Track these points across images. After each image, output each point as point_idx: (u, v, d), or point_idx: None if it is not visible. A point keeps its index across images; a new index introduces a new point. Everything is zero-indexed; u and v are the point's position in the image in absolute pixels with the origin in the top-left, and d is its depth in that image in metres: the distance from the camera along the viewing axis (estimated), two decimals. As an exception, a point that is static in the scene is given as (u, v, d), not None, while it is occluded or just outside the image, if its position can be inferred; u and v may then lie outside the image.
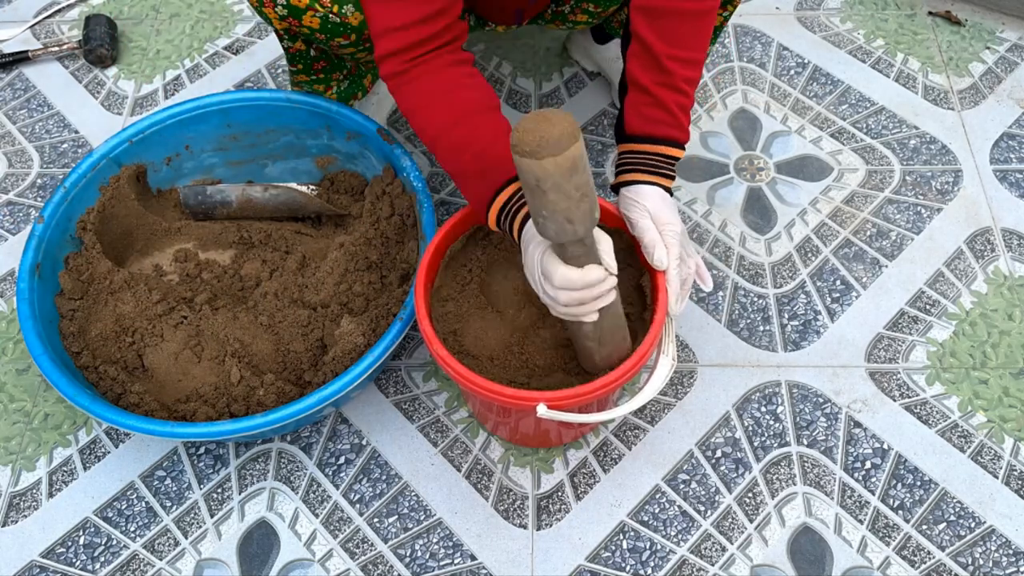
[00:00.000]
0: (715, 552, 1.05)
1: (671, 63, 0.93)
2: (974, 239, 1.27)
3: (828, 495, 1.08)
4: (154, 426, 0.98)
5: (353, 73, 1.23)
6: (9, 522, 1.11)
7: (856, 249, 1.27)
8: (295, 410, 0.98)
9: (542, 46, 1.52)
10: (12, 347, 1.24)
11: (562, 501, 1.09)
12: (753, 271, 1.25)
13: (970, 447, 1.10)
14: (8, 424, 1.18)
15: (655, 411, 1.14)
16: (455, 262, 1.02)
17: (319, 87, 1.21)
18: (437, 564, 1.05)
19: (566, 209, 0.73)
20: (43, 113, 1.49)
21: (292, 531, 1.08)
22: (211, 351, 1.09)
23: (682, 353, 1.19)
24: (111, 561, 1.07)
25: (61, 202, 1.14)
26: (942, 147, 1.36)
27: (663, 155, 0.96)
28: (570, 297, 0.82)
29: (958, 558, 1.03)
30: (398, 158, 1.15)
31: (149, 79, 1.52)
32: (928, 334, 1.19)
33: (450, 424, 1.15)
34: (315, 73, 1.18)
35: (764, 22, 1.53)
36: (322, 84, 1.20)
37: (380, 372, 1.12)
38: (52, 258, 1.12)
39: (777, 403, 1.14)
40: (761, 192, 1.33)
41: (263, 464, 1.13)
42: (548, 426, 1.02)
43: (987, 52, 1.47)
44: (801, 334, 1.20)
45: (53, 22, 1.62)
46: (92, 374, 1.08)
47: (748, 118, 1.41)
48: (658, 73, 0.93)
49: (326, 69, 1.18)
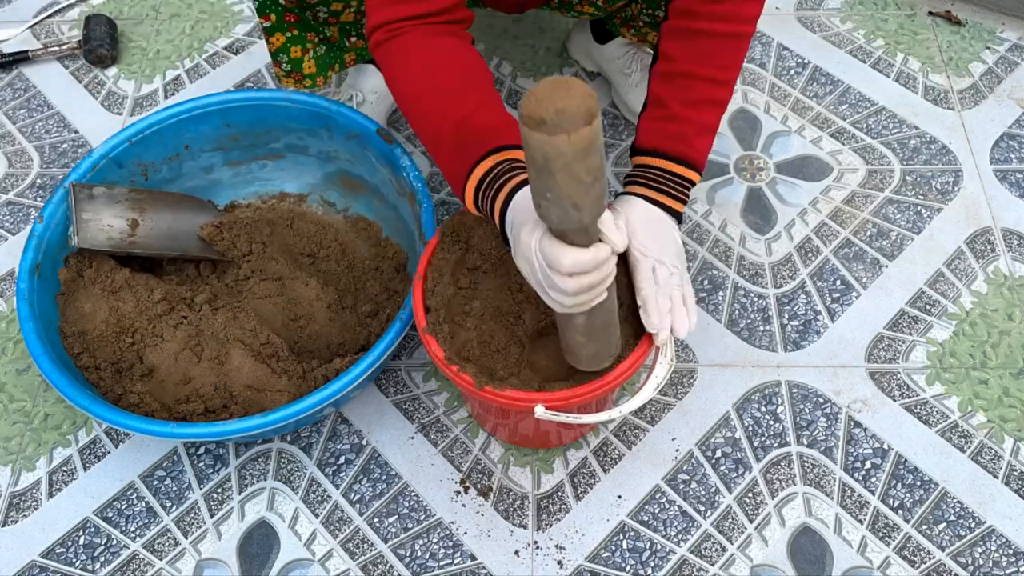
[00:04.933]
0: (715, 552, 1.05)
1: (696, 82, 0.90)
2: (974, 239, 1.27)
3: (828, 495, 1.08)
4: (154, 426, 0.98)
5: (333, 42, 1.21)
6: (9, 522, 1.11)
7: (856, 249, 1.27)
8: (295, 410, 0.98)
9: (542, 46, 1.52)
10: (12, 347, 1.24)
11: (562, 501, 1.09)
12: (753, 271, 1.25)
13: (970, 447, 1.10)
14: (8, 424, 1.18)
15: (655, 411, 1.14)
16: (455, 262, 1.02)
17: (296, 51, 1.18)
18: (437, 564, 1.05)
19: (574, 194, 0.64)
20: (43, 113, 1.49)
21: (292, 531, 1.08)
22: (211, 351, 1.09)
23: (682, 353, 1.19)
24: (111, 561, 1.07)
25: (61, 202, 1.14)
26: (942, 147, 1.36)
27: (668, 172, 0.90)
28: (580, 284, 0.72)
29: (958, 558, 1.03)
30: (398, 158, 1.15)
31: (149, 79, 1.52)
32: (928, 334, 1.19)
33: (450, 424, 1.15)
34: (289, 28, 1.16)
35: (764, 22, 1.53)
36: (298, 46, 1.17)
37: (380, 372, 1.12)
38: (52, 258, 1.12)
39: (777, 403, 1.14)
40: (761, 192, 1.33)
41: (263, 464, 1.13)
42: (548, 427, 1.02)
43: (987, 52, 1.47)
44: (801, 334, 1.20)
45: (53, 22, 1.62)
46: (92, 374, 1.08)
47: (748, 118, 1.41)
48: (679, 89, 0.90)
49: (300, 25, 1.17)
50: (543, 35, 1.53)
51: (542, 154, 0.62)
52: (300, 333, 1.15)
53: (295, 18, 1.16)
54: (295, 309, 1.16)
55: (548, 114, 0.60)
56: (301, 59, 1.20)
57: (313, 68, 1.20)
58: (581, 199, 0.65)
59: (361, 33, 1.20)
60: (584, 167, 0.63)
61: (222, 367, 1.08)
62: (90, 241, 1.11)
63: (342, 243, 1.26)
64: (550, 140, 0.60)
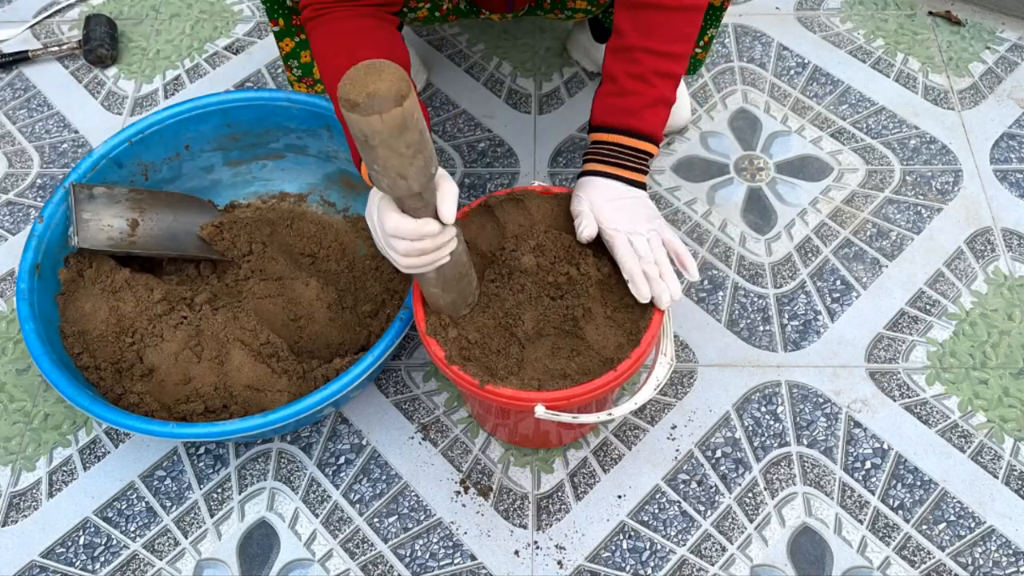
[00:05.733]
0: (715, 552, 1.05)
1: (642, 55, 0.90)
2: (974, 239, 1.27)
3: (828, 495, 1.08)
4: (154, 426, 0.98)
5: None
6: (9, 522, 1.11)
7: (856, 249, 1.27)
8: (295, 410, 0.98)
9: (542, 46, 1.52)
10: (12, 347, 1.24)
11: (562, 501, 1.09)
12: (753, 271, 1.25)
13: (970, 447, 1.10)
14: (8, 424, 1.18)
15: (655, 411, 1.14)
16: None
17: (306, 56, 1.19)
18: (437, 564, 1.05)
19: (397, 166, 0.70)
20: (43, 113, 1.49)
21: (292, 531, 1.08)
22: (211, 351, 1.09)
23: (682, 353, 1.19)
24: (111, 561, 1.07)
25: (61, 202, 1.14)
26: (942, 147, 1.36)
27: (622, 146, 0.92)
28: (408, 247, 0.79)
29: (958, 558, 1.03)
30: (398, 158, 1.15)
31: (149, 79, 1.52)
32: (928, 334, 1.19)
33: (450, 424, 1.15)
34: (298, 32, 1.17)
35: (764, 22, 1.53)
36: (307, 50, 1.18)
37: (380, 372, 1.12)
38: (52, 258, 1.12)
39: (777, 403, 1.14)
40: (761, 192, 1.33)
41: (263, 464, 1.13)
42: (548, 427, 1.02)
43: (987, 52, 1.47)
44: (801, 334, 1.20)
45: (53, 22, 1.62)
46: (92, 374, 1.08)
47: (748, 118, 1.41)
48: (629, 64, 0.91)
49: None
50: (543, 35, 1.53)
51: (360, 132, 0.67)
52: (300, 333, 1.15)
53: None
54: (295, 309, 1.16)
55: (360, 97, 0.65)
56: (311, 64, 1.20)
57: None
58: (405, 170, 0.71)
59: None
60: (402, 142, 0.68)
61: (222, 367, 1.08)
62: (90, 241, 1.11)
63: (342, 243, 1.26)
64: (366, 120, 0.65)
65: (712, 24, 1.18)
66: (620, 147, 0.93)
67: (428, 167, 0.73)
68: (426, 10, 1.19)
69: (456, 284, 0.89)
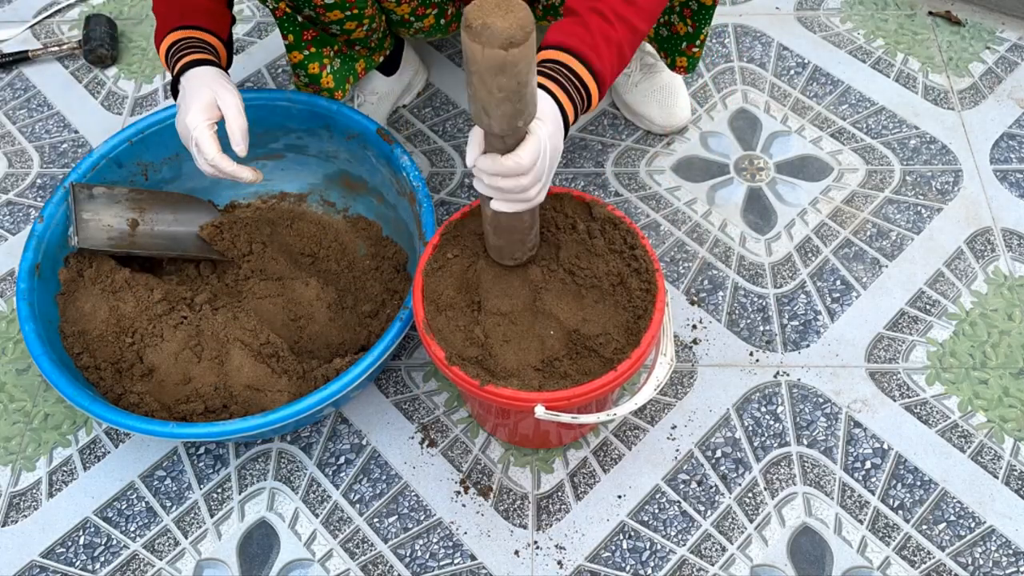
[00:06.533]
0: (715, 552, 1.05)
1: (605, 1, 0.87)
2: (974, 239, 1.27)
3: (828, 495, 1.08)
4: (154, 426, 0.98)
5: (344, 53, 1.23)
6: (9, 522, 1.11)
7: (856, 249, 1.27)
8: (295, 410, 0.98)
9: (542, 46, 1.52)
10: (12, 347, 1.24)
11: (562, 501, 1.09)
12: (753, 271, 1.25)
13: (970, 447, 1.10)
14: (8, 424, 1.18)
15: (655, 411, 1.14)
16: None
17: (314, 67, 1.20)
18: (437, 564, 1.05)
19: (484, 99, 0.70)
20: (43, 113, 1.49)
21: (292, 531, 1.08)
22: (211, 351, 1.09)
23: (682, 353, 1.19)
24: (111, 561, 1.07)
25: (61, 202, 1.14)
26: (942, 147, 1.36)
27: (570, 68, 0.87)
28: (478, 171, 0.79)
29: (958, 558, 1.03)
30: (398, 158, 1.15)
31: (149, 79, 1.52)
32: (928, 334, 1.19)
33: (450, 424, 1.15)
34: (307, 47, 1.18)
35: (764, 22, 1.53)
36: (316, 62, 1.19)
37: (380, 372, 1.12)
38: (52, 258, 1.12)
39: (777, 403, 1.14)
40: (761, 192, 1.33)
41: (263, 464, 1.13)
42: (548, 427, 1.02)
43: (987, 52, 1.47)
44: (801, 334, 1.20)
45: (53, 22, 1.62)
46: (92, 374, 1.08)
47: (748, 118, 1.41)
48: (592, 1, 0.88)
49: (317, 41, 1.18)
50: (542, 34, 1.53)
51: (466, 52, 0.67)
52: (300, 333, 1.15)
53: (314, 33, 1.17)
54: (295, 309, 1.16)
55: (477, 23, 0.65)
56: (319, 75, 1.21)
57: (331, 83, 1.22)
58: (489, 107, 0.71)
59: (367, 43, 1.20)
60: (495, 83, 0.68)
61: (222, 367, 1.08)
62: (90, 241, 1.11)
63: (342, 243, 1.26)
64: (469, 45, 0.66)
65: (705, 23, 1.18)
66: (567, 69, 0.88)
67: (515, 118, 0.72)
68: (432, 16, 1.19)
69: (506, 233, 0.90)
